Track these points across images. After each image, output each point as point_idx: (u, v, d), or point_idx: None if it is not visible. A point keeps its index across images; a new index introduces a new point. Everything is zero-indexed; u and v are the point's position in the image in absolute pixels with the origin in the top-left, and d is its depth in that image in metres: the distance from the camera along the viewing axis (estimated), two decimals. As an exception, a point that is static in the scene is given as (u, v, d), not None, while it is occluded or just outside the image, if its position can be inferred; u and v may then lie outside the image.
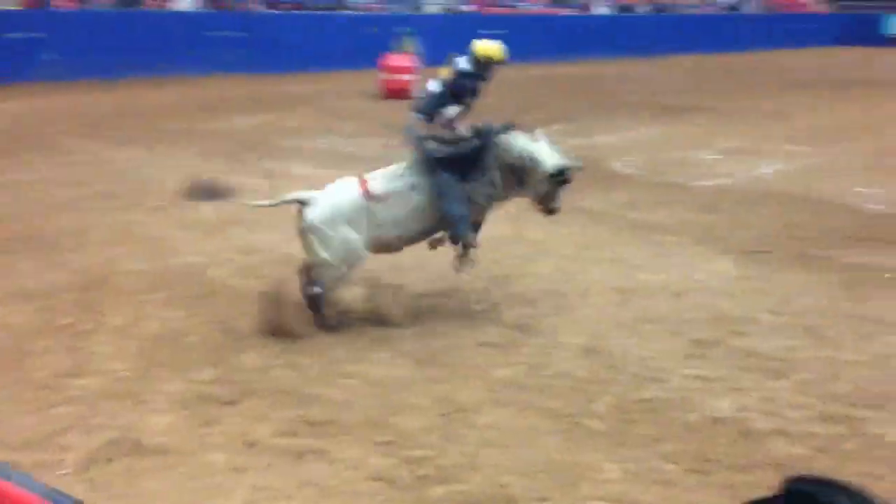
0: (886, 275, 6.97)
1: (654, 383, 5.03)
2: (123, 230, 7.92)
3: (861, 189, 9.92)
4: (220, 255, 7.24)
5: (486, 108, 6.98)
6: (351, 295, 6.29)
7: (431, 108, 6.08)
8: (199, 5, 21.85)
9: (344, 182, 6.01)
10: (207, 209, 8.71)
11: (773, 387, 4.99)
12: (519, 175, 5.98)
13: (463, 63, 6.19)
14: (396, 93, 17.35)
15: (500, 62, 6.24)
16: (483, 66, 6.17)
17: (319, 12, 23.64)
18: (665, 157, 11.75)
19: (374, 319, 5.86)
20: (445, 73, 6.20)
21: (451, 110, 6.06)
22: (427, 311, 6.04)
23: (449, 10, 26.13)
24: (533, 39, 26.61)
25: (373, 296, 6.10)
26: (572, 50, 27.07)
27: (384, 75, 17.74)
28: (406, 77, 17.57)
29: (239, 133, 13.22)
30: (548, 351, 5.45)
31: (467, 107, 6.18)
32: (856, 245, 7.78)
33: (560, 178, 5.93)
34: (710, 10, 34.04)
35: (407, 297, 6.23)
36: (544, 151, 5.98)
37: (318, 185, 6.17)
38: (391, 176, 6.06)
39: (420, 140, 6.04)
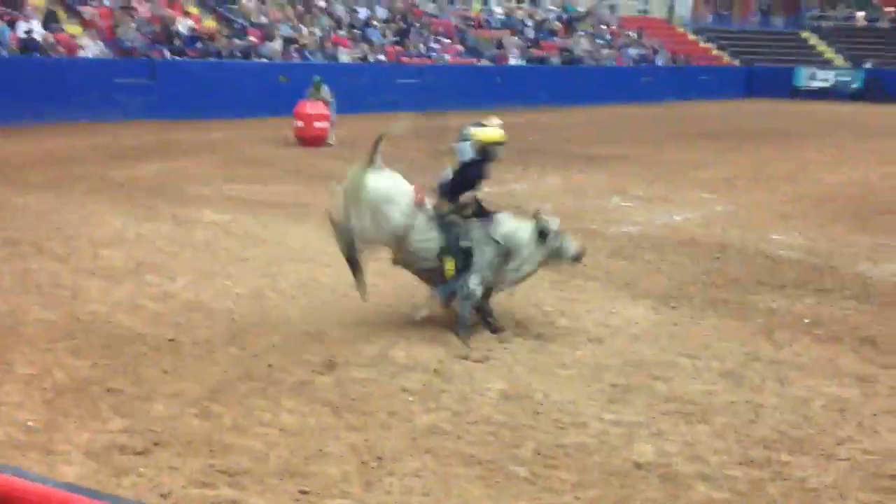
0: (806, 320, 7.08)
1: (575, 428, 4.97)
2: (31, 278, 7.58)
3: (775, 236, 10.16)
4: (131, 303, 6.97)
5: (405, 159, 7.03)
6: (268, 343, 6.13)
7: (450, 192, 6.60)
8: (107, 52, 21.45)
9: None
10: (118, 254, 8.42)
11: (694, 431, 4.98)
12: (546, 259, 6.58)
13: (467, 153, 6.57)
14: (310, 140, 17.25)
15: (503, 143, 6.69)
16: (487, 152, 6.60)
17: (231, 60, 23.45)
18: (580, 205, 11.86)
19: (290, 367, 5.69)
20: (451, 163, 6.71)
21: (466, 196, 6.56)
22: (344, 357, 5.88)
23: (363, 58, 26.23)
24: (447, 89, 26.91)
25: (288, 342, 5.99)
26: (486, 100, 27.44)
27: (297, 122, 17.59)
28: (319, 125, 17.46)
29: (148, 180, 12.90)
30: (468, 396, 5.35)
31: (479, 188, 6.64)
32: (771, 291, 7.91)
33: (577, 260, 6.72)
34: (622, 63, 34.96)
35: (324, 343, 6.12)
36: (567, 238, 6.65)
37: (230, 231, 6.00)
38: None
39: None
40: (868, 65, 38.45)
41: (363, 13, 28.39)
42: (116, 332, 6.29)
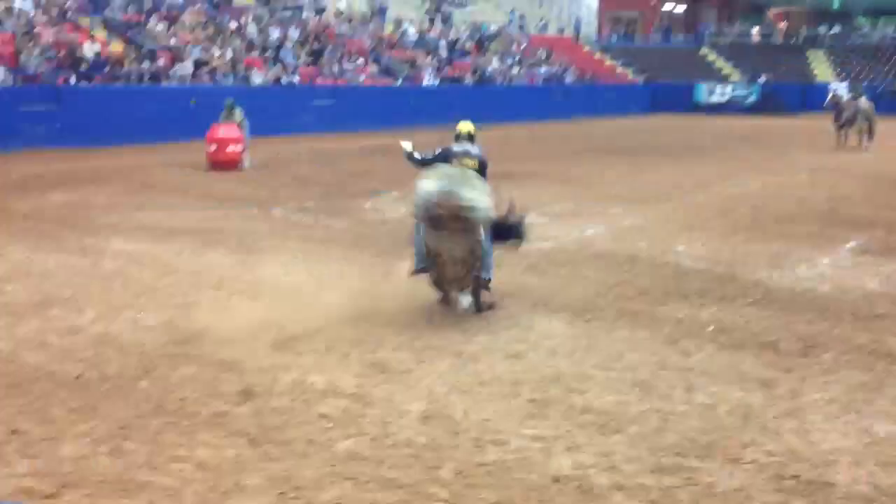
0: (710, 327, 7.31)
1: (494, 446, 5.04)
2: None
3: (680, 247, 10.46)
4: (37, 339, 6.79)
5: (321, 181, 7.00)
6: (181, 375, 6.05)
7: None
8: (10, 80, 20.88)
9: None
10: (22, 289, 8.20)
11: (609, 442, 5.10)
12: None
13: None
14: (223, 164, 17.05)
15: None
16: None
17: (139, 84, 23.05)
18: (494, 222, 11.98)
19: (205, 399, 5.62)
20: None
21: None
22: (261, 386, 5.85)
23: (277, 80, 26.06)
24: (362, 110, 26.96)
25: (202, 373, 5.91)
26: (401, 120, 27.58)
27: (210, 146, 17.37)
28: (233, 148, 17.28)
29: (54, 210, 12.60)
30: (387, 420, 5.37)
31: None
32: (678, 301, 8.15)
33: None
34: (533, 81, 35.53)
35: (240, 372, 6.07)
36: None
37: (141, 261, 5.93)
38: None
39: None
40: (763, 79, 39.93)
41: (276, 35, 28.24)
42: (21, 370, 6.11)
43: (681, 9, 47.33)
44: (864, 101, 23.24)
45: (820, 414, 5.53)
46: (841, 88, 25.73)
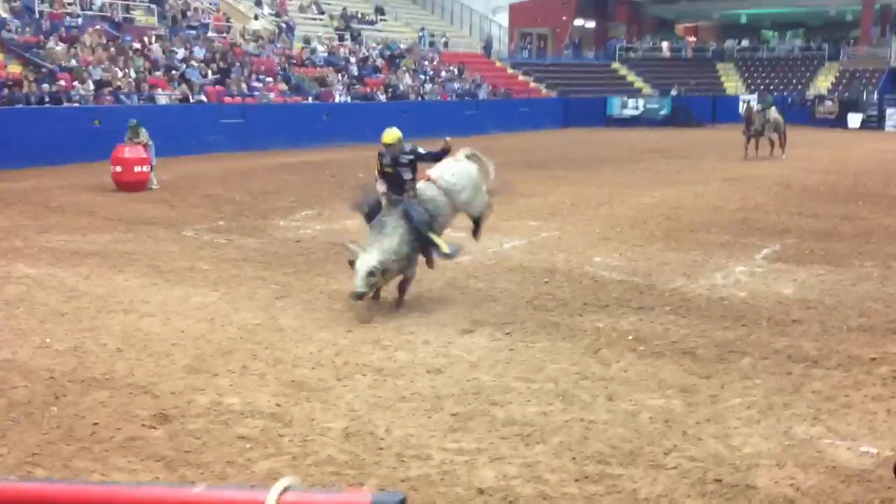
0: (630, 336, 7.38)
1: (417, 461, 4.97)
2: None
3: (597, 258, 10.57)
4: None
5: (232, 200, 6.84)
6: (92, 399, 5.83)
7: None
8: None
9: None
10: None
11: (532, 453, 5.08)
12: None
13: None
14: (129, 185, 16.59)
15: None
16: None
17: (40, 106, 22.33)
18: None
19: (118, 423, 5.42)
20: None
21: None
22: (177, 409, 5.66)
23: (183, 100, 25.59)
24: (272, 128, 26.66)
25: (114, 398, 5.70)
26: (312, 137, 27.39)
27: (115, 168, 16.89)
28: (139, 169, 16.84)
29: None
30: (308, 438, 5.25)
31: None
32: (597, 311, 8.22)
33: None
34: (446, 97, 35.70)
35: (154, 395, 5.87)
36: None
37: (47, 285, 5.68)
38: None
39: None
40: (674, 92, 40.97)
41: (181, 54, 27.73)
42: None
43: (591, 25, 48.25)
44: (773, 112, 23.98)
45: (740, 418, 5.61)
46: (752, 100, 26.49)
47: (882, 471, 4.78)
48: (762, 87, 39.89)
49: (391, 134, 8.55)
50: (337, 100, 30.76)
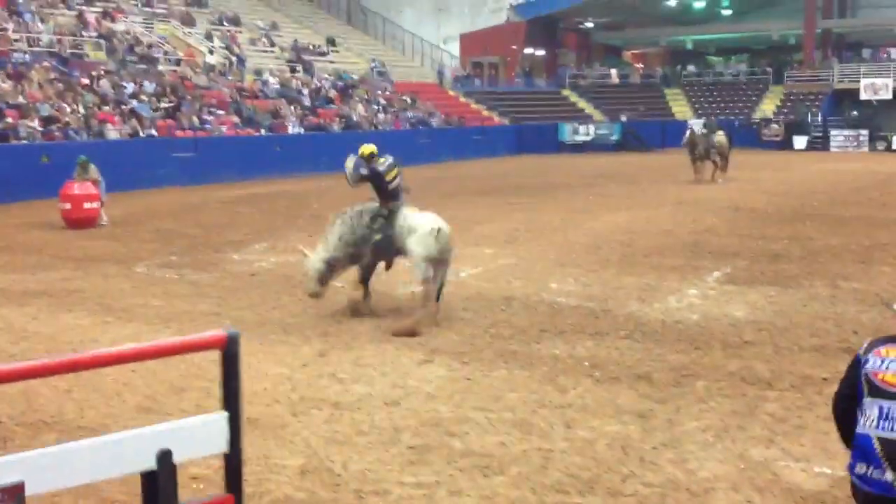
0: (586, 363, 7.40)
1: (376, 496, 4.91)
2: None
3: (553, 284, 10.61)
4: None
5: (185, 234, 6.76)
6: (40, 443, 5.68)
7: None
8: None
9: None
10: None
11: (492, 484, 5.05)
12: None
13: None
14: (78, 222, 16.34)
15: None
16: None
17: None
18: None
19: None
20: None
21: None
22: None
23: (133, 134, 25.34)
24: (225, 160, 26.50)
25: (63, 440, 5.55)
26: (266, 169, 27.29)
27: (64, 205, 16.64)
28: (89, 205, 16.59)
29: None
30: (263, 477, 5.17)
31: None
32: (553, 338, 8.23)
33: None
34: (399, 126, 35.78)
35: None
36: None
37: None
38: None
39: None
40: (624, 118, 41.53)
41: (130, 88, 27.49)
42: None
43: (541, 53, 48.79)
44: (719, 136, 24.37)
45: (696, 442, 5.63)
46: (697, 125, 26.93)
47: (837, 491, 4.82)
48: (709, 111, 40.60)
49: (366, 147, 9.82)
50: (290, 131, 30.68)
